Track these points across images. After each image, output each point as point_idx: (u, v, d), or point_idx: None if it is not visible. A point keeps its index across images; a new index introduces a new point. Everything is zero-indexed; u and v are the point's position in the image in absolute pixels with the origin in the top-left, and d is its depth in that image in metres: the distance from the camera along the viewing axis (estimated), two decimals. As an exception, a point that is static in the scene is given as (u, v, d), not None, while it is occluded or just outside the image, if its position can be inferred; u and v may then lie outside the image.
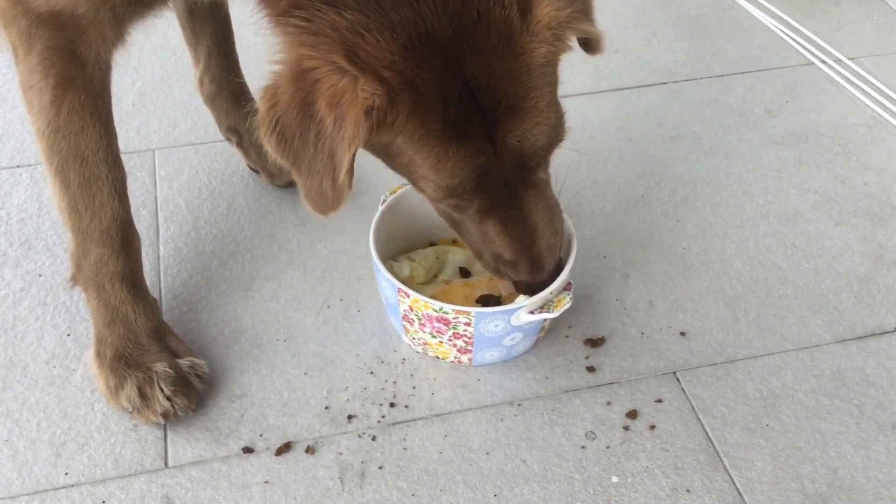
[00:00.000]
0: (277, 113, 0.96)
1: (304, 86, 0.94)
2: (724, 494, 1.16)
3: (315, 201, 1.02)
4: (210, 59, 1.50)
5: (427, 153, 1.01)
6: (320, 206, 1.02)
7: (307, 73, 0.94)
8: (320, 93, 0.94)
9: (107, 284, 1.24)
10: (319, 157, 0.98)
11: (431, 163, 1.03)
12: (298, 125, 0.96)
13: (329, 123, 0.94)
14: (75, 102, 1.13)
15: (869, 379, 1.31)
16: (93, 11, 1.06)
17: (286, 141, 0.98)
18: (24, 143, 1.65)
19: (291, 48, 0.96)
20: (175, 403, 1.19)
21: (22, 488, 1.14)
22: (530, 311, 1.20)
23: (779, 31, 2.02)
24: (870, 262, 1.49)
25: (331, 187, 0.99)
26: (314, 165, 0.99)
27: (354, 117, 0.93)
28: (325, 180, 0.99)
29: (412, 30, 0.93)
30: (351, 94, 0.93)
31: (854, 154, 1.70)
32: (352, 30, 0.93)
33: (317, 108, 0.95)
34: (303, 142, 0.97)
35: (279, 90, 0.96)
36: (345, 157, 0.96)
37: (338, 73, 0.93)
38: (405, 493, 1.15)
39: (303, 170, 1.00)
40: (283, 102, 0.96)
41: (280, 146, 0.98)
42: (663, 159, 1.67)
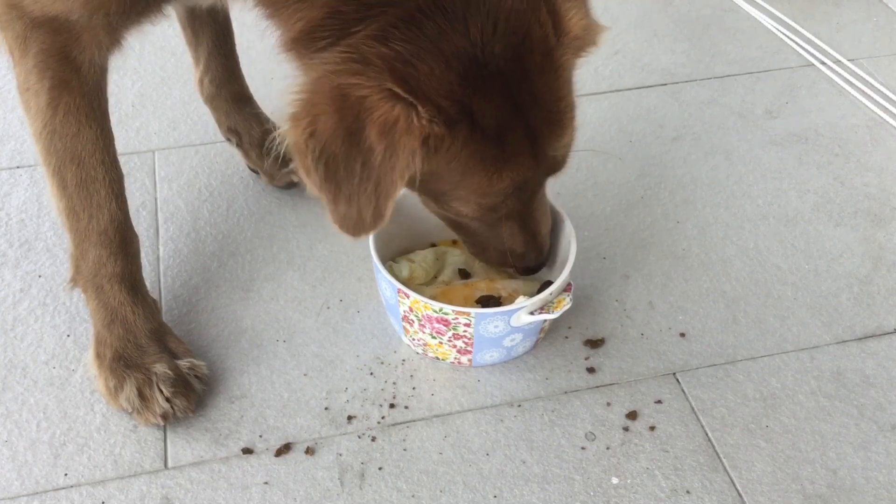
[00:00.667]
0: (320, 143, 0.93)
1: (350, 114, 0.92)
2: (724, 495, 1.16)
3: (347, 226, 1.00)
4: (210, 60, 1.50)
5: (480, 178, 1.01)
6: (353, 231, 1.01)
7: (354, 100, 0.92)
8: (370, 121, 0.91)
9: (105, 286, 1.24)
10: (364, 188, 0.95)
11: (481, 187, 1.03)
12: (344, 155, 0.94)
13: (379, 152, 0.92)
14: (71, 105, 1.13)
15: (869, 380, 1.30)
16: (86, 18, 1.07)
17: (330, 172, 0.95)
18: (24, 144, 1.65)
19: (330, 76, 0.93)
20: (174, 404, 1.19)
21: (21, 489, 1.14)
22: (530, 312, 1.20)
23: (779, 33, 2.02)
24: (870, 263, 1.49)
25: (371, 216, 0.98)
26: (356, 196, 0.96)
27: (409, 146, 0.92)
28: (367, 210, 0.97)
29: (465, 58, 0.93)
30: (405, 122, 0.91)
31: (854, 155, 1.70)
32: (401, 60, 0.92)
33: (364, 137, 0.92)
34: (347, 172, 0.95)
35: (318, 118, 0.93)
36: (394, 187, 0.95)
37: (390, 100, 0.91)
38: (405, 493, 1.15)
39: (341, 200, 0.97)
40: (325, 131, 0.93)
41: (324, 178, 0.95)
42: (663, 160, 1.67)
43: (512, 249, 1.19)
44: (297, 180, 1.55)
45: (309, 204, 1.55)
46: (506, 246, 1.20)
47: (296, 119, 0.95)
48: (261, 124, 1.56)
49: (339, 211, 0.99)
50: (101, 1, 1.05)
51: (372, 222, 0.99)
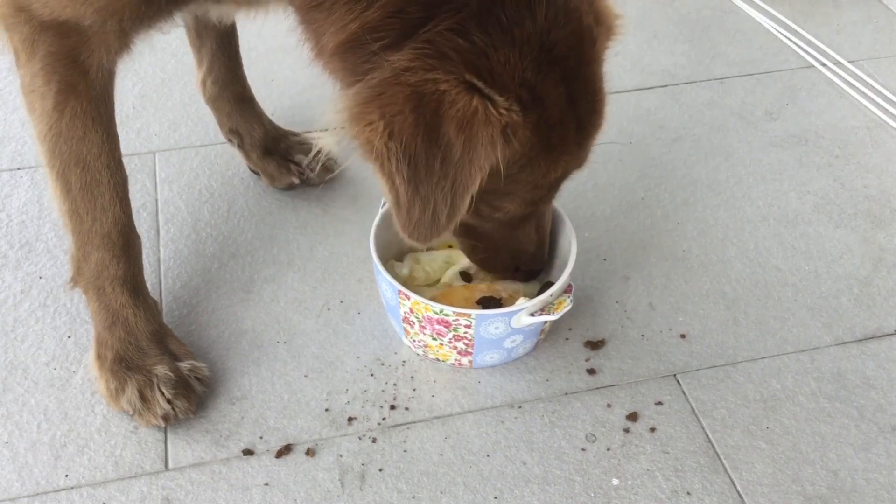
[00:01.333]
0: (402, 144, 0.91)
1: (428, 111, 0.90)
2: (725, 497, 1.16)
3: (419, 230, 0.98)
4: (213, 61, 1.50)
5: (540, 168, 1.01)
6: (424, 235, 0.98)
7: (431, 96, 0.90)
8: (447, 116, 0.90)
9: (107, 288, 1.24)
10: (441, 186, 0.93)
11: (537, 178, 1.03)
12: (424, 154, 0.92)
13: (458, 147, 0.91)
14: (77, 108, 1.13)
15: (869, 381, 1.31)
16: (99, 23, 1.06)
17: (412, 172, 0.93)
18: (25, 146, 1.65)
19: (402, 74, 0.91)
20: (175, 406, 1.19)
21: (22, 490, 1.14)
22: (531, 314, 1.21)
23: (779, 34, 2.02)
24: (870, 264, 1.49)
25: (446, 215, 0.96)
26: (432, 195, 0.94)
27: (489, 137, 0.91)
28: (441, 209, 0.95)
29: (535, 45, 0.93)
30: (484, 114, 0.90)
31: (854, 156, 1.70)
32: (476, 51, 0.91)
33: (443, 133, 0.91)
34: (427, 172, 0.93)
35: (395, 118, 0.91)
36: (473, 181, 0.94)
37: (468, 93, 0.90)
38: (405, 495, 1.15)
39: (417, 202, 0.95)
40: (403, 131, 0.91)
41: (409, 180, 0.93)
42: (663, 162, 1.68)
43: (524, 251, 1.20)
44: (297, 181, 1.55)
45: (309, 205, 1.55)
46: (518, 248, 1.20)
47: (367, 123, 0.92)
48: (262, 125, 1.56)
49: (414, 216, 0.96)
50: (116, 7, 1.05)
51: (446, 222, 0.97)
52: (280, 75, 1.84)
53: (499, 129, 0.92)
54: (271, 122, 1.59)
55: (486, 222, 1.16)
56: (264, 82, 1.80)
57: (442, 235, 0.99)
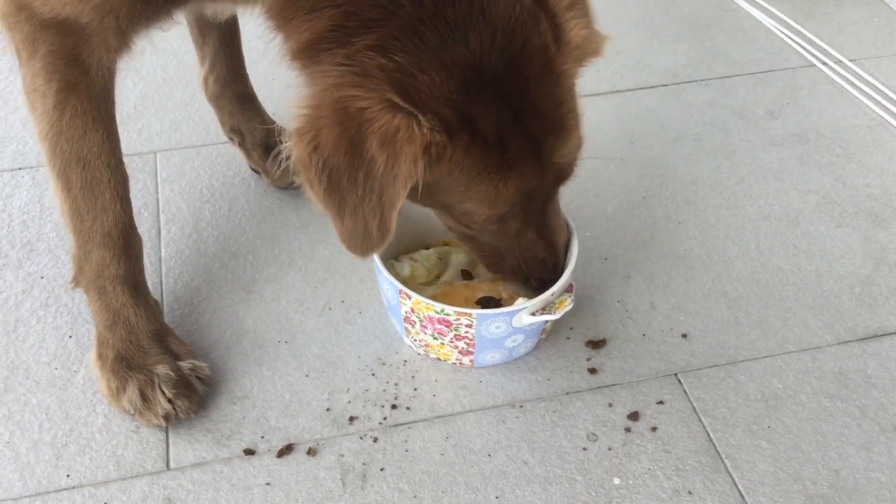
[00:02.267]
0: (323, 156, 0.94)
1: (351, 126, 0.93)
2: (726, 496, 1.16)
3: (355, 244, 1.01)
4: (216, 59, 1.50)
5: (485, 186, 1.02)
6: (361, 249, 1.01)
7: (355, 112, 0.92)
8: (371, 132, 0.92)
9: (108, 287, 1.24)
10: (367, 200, 0.96)
11: (488, 196, 1.04)
12: (346, 167, 0.94)
13: (381, 163, 0.93)
14: (78, 107, 1.13)
15: (871, 380, 1.30)
16: (97, 21, 1.07)
17: (333, 185, 0.96)
18: (26, 146, 1.65)
19: (331, 89, 0.94)
20: (177, 406, 1.19)
21: (24, 490, 1.14)
22: (532, 313, 1.20)
23: (780, 33, 2.02)
24: (871, 263, 1.49)
25: (377, 229, 0.99)
26: (360, 208, 0.97)
27: (411, 155, 0.93)
28: (372, 222, 0.98)
29: (465, 67, 0.94)
30: (406, 131, 0.92)
31: (855, 155, 1.70)
32: (402, 70, 0.93)
33: (366, 148, 0.93)
34: (351, 184, 0.95)
35: (321, 131, 0.94)
36: (397, 197, 0.95)
37: (391, 110, 0.92)
38: (407, 494, 1.15)
39: (346, 213, 0.98)
40: (327, 144, 0.94)
41: (328, 191, 0.96)
42: (664, 161, 1.68)
43: (532, 257, 1.20)
44: (298, 181, 1.55)
45: (310, 205, 1.54)
46: (523, 257, 1.19)
47: (300, 133, 0.96)
48: (263, 124, 1.56)
49: (346, 226, 0.99)
50: (112, 4, 1.05)
51: (379, 236, 1.00)
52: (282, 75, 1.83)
53: (420, 148, 0.93)
54: (273, 121, 1.59)
55: (479, 233, 1.16)
56: (266, 81, 1.79)
57: (378, 249, 1.02)
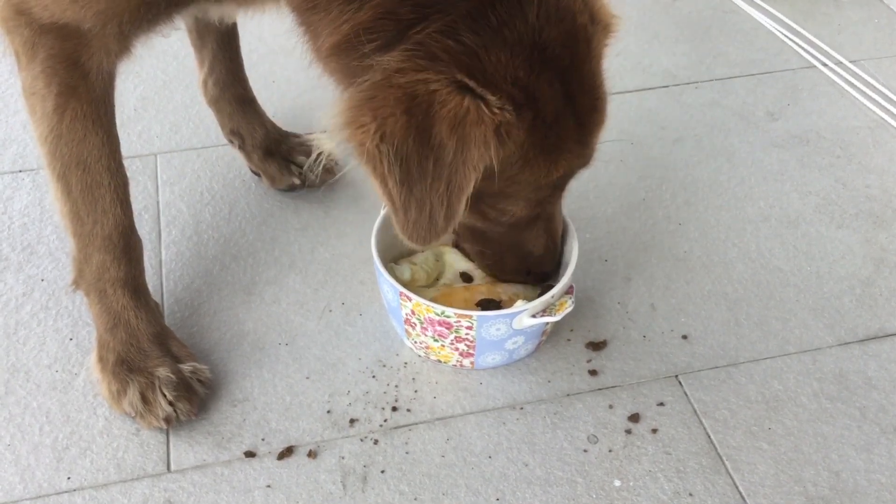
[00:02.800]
0: (393, 146, 0.91)
1: (419, 112, 0.90)
2: (727, 498, 1.16)
3: (417, 232, 0.98)
4: (215, 62, 1.50)
5: (538, 168, 1.01)
6: (424, 238, 0.99)
7: (423, 97, 0.90)
8: (440, 117, 0.90)
9: (108, 290, 1.24)
10: (436, 187, 0.94)
11: (538, 178, 1.03)
12: (416, 155, 0.92)
13: (450, 148, 0.91)
14: (78, 111, 1.13)
15: (871, 382, 1.30)
16: (99, 26, 1.06)
17: (404, 175, 0.93)
18: (27, 148, 1.65)
19: (394, 75, 0.91)
20: (177, 408, 1.19)
21: (24, 493, 1.14)
22: (532, 315, 1.20)
23: (780, 34, 2.02)
24: (871, 265, 1.49)
25: (443, 217, 0.96)
26: (427, 197, 0.94)
27: (481, 137, 0.91)
28: (438, 210, 0.95)
29: (527, 45, 0.93)
30: (476, 113, 0.91)
31: (855, 157, 1.70)
32: (468, 52, 0.92)
33: (435, 134, 0.91)
34: (420, 173, 0.93)
35: (386, 121, 0.91)
36: (467, 182, 0.94)
37: (460, 93, 0.90)
38: (407, 496, 1.15)
39: (412, 204, 0.95)
40: (394, 134, 0.91)
41: (402, 182, 0.93)
42: (665, 162, 1.68)
43: (531, 253, 1.20)
44: (298, 182, 1.55)
45: (311, 207, 1.55)
46: (527, 251, 1.20)
47: (359, 125, 0.92)
48: (263, 127, 1.56)
49: (410, 217, 0.96)
50: (115, 11, 1.05)
51: (444, 224, 0.97)
52: (281, 77, 1.84)
53: (492, 129, 0.92)
54: (273, 123, 1.59)
55: (493, 226, 1.16)
56: (266, 84, 1.80)
57: (441, 237, 0.99)
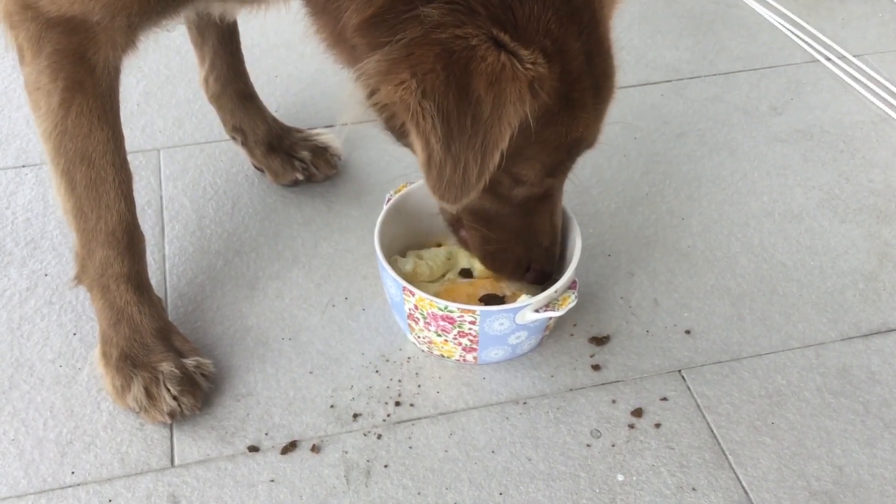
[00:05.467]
0: (435, 102, 0.90)
1: (457, 67, 0.90)
2: (730, 492, 1.16)
3: (450, 190, 0.97)
4: (215, 58, 1.50)
5: (558, 128, 1.01)
6: (455, 195, 0.98)
7: (461, 52, 0.90)
8: (477, 73, 0.90)
9: (112, 285, 1.24)
10: (472, 144, 0.93)
11: (557, 137, 1.03)
12: (455, 112, 0.91)
13: (487, 104, 0.91)
14: (83, 106, 1.13)
15: (875, 377, 1.30)
16: (108, 19, 1.06)
17: (447, 131, 0.92)
18: (30, 143, 1.65)
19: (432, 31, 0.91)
20: (181, 403, 1.20)
21: (28, 487, 1.15)
22: (535, 310, 1.21)
23: (783, 29, 2.02)
24: (875, 259, 1.48)
25: (476, 174, 0.95)
26: (462, 153, 0.94)
27: (517, 92, 0.91)
28: (472, 168, 0.95)
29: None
30: (511, 69, 0.91)
31: (859, 151, 1.70)
32: (503, 5, 0.92)
33: (472, 90, 0.91)
34: (459, 129, 0.92)
35: (426, 77, 0.90)
36: (502, 138, 0.94)
37: (496, 49, 0.90)
38: (411, 491, 1.15)
39: (448, 161, 0.94)
40: (435, 89, 0.90)
41: (445, 137, 0.92)
42: (668, 157, 1.67)
43: (535, 243, 1.20)
44: (301, 178, 1.55)
45: (314, 202, 1.55)
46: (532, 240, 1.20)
47: (399, 82, 0.91)
48: (265, 122, 1.56)
49: (444, 175, 0.95)
50: (124, 2, 1.05)
51: (476, 181, 0.96)
52: (284, 72, 1.84)
53: (526, 84, 0.92)
54: (275, 118, 1.59)
55: (502, 205, 1.16)
56: (268, 79, 1.80)
57: (472, 195, 0.98)
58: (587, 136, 1.07)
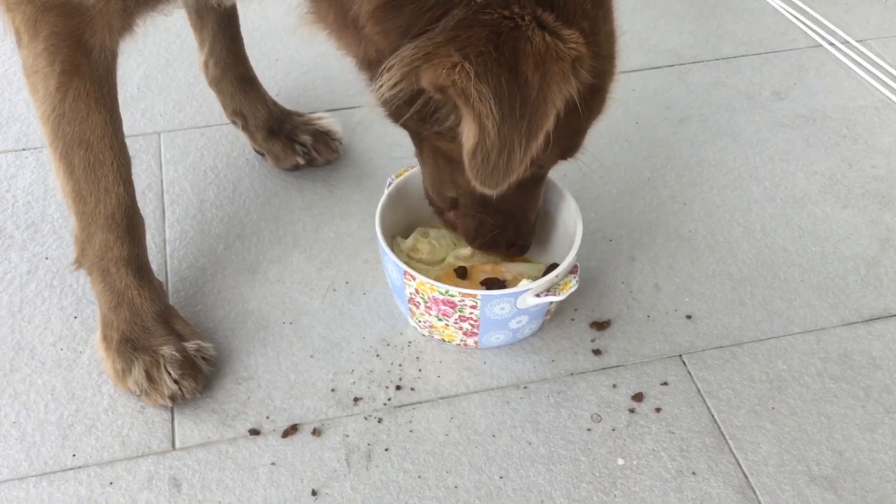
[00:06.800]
0: (490, 84, 0.89)
1: (507, 49, 0.89)
2: (730, 477, 1.16)
3: (495, 175, 0.95)
4: (215, 43, 1.49)
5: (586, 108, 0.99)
6: (497, 181, 0.96)
7: (508, 34, 0.89)
8: (524, 54, 0.89)
9: (112, 269, 1.24)
10: (519, 127, 0.92)
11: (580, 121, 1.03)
12: (507, 94, 0.90)
13: (535, 86, 0.90)
14: (81, 89, 1.12)
15: (875, 362, 1.30)
16: (103, 3, 1.06)
17: (501, 114, 0.90)
18: (30, 126, 1.65)
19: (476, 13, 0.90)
20: (182, 386, 1.20)
21: (30, 469, 1.15)
22: (536, 294, 1.20)
23: (786, 13, 2.01)
24: (877, 244, 1.48)
25: (520, 156, 0.94)
26: (509, 136, 0.92)
27: (561, 73, 0.91)
28: (517, 151, 0.93)
29: None
30: (556, 49, 0.90)
31: (862, 136, 1.69)
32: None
33: (521, 71, 0.90)
34: (509, 111, 0.90)
35: (477, 59, 0.88)
36: (548, 119, 0.93)
37: (541, 29, 0.90)
38: (411, 474, 1.16)
39: (497, 143, 0.92)
40: (490, 72, 0.89)
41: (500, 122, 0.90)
42: (670, 142, 1.67)
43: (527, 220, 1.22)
44: (302, 162, 1.55)
45: (315, 186, 1.55)
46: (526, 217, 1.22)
47: (451, 66, 0.89)
48: (266, 106, 1.56)
49: (491, 160, 0.94)
50: None
51: (519, 165, 0.95)
52: (285, 56, 1.83)
53: (569, 64, 0.92)
54: (275, 102, 1.58)
55: None
56: (269, 63, 1.79)
57: (513, 179, 0.96)
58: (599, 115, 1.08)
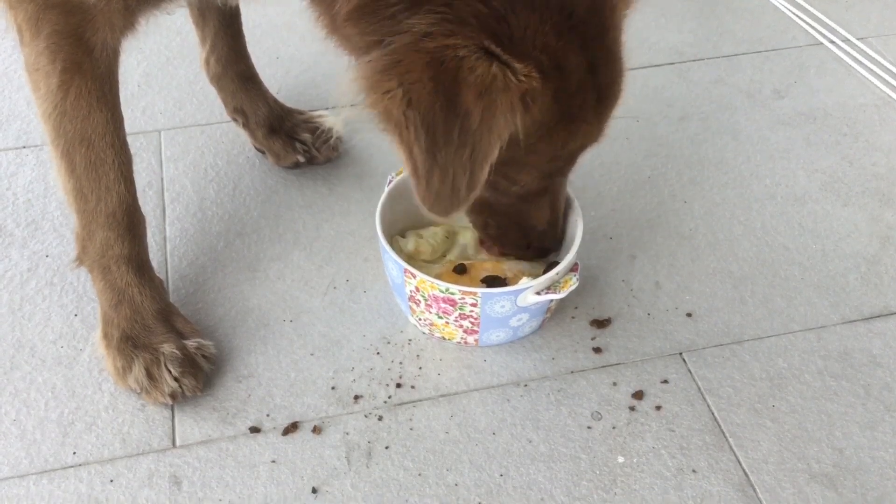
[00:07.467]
0: (420, 112, 0.89)
1: (446, 78, 0.88)
2: (730, 474, 1.16)
3: (440, 203, 0.96)
4: (217, 39, 1.49)
5: (558, 138, 0.99)
6: (446, 209, 0.97)
7: (450, 63, 0.88)
8: (466, 84, 0.88)
9: (112, 267, 1.24)
10: (460, 155, 0.91)
11: (556, 149, 1.01)
12: (442, 123, 0.90)
13: (476, 115, 0.89)
14: (82, 87, 1.12)
15: (876, 360, 1.30)
16: (104, 1, 1.06)
17: (430, 142, 0.90)
18: (30, 124, 1.65)
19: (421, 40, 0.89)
20: (183, 384, 1.20)
21: (30, 467, 1.15)
22: (537, 292, 1.20)
23: (787, 11, 2.01)
24: (877, 242, 1.48)
25: (466, 186, 0.94)
26: (450, 166, 0.92)
27: (508, 105, 0.90)
28: (461, 179, 0.93)
29: (556, 9, 0.92)
30: (502, 80, 0.89)
31: (862, 134, 1.69)
32: (496, 16, 0.90)
33: (461, 101, 0.89)
34: (445, 141, 0.90)
35: (412, 86, 0.89)
36: (491, 150, 0.92)
37: (487, 59, 0.89)
38: (411, 472, 1.16)
39: (435, 173, 0.93)
40: (421, 100, 0.89)
41: (427, 149, 0.91)
42: (670, 140, 1.67)
43: (534, 228, 1.20)
44: (303, 160, 1.55)
45: (315, 184, 1.55)
46: (530, 225, 1.20)
47: (385, 90, 0.90)
48: (267, 104, 1.56)
49: (433, 187, 0.94)
50: None
51: (466, 194, 0.95)
52: (286, 53, 1.83)
53: (518, 96, 0.90)
54: (276, 100, 1.58)
55: (501, 196, 1.15)
56: (270, 60, 1.79)
57: (462, 208, 0.97)
58: (588, 142, 1.06)
